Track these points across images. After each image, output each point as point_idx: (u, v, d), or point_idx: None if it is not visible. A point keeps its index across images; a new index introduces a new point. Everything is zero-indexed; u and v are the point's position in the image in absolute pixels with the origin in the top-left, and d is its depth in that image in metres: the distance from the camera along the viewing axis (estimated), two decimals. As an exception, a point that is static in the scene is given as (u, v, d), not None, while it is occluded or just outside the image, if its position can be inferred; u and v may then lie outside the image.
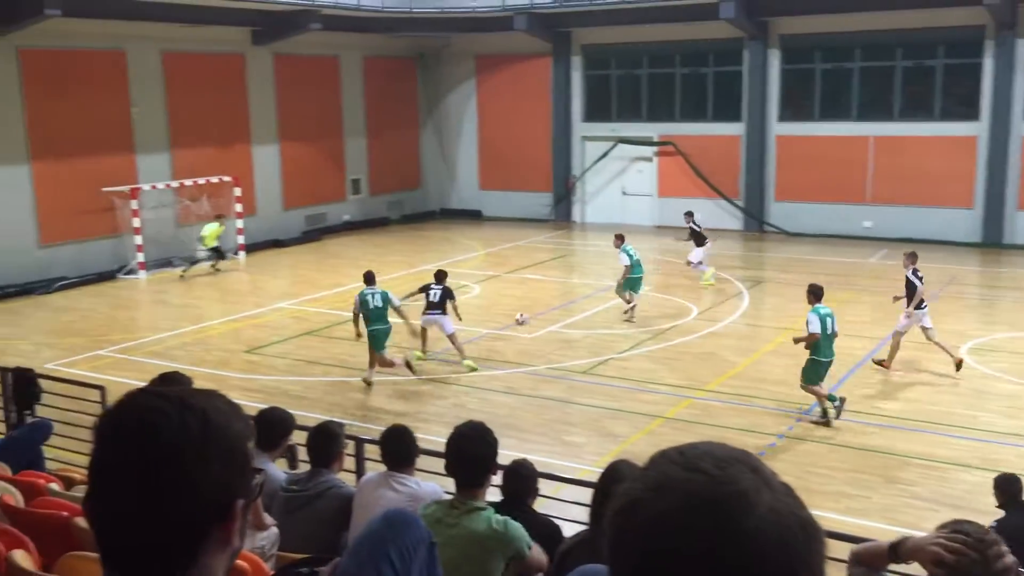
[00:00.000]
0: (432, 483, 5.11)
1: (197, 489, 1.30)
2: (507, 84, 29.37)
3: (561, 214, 28.83)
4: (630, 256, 16.52)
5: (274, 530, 4.88)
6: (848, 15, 23.85)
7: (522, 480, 5.08)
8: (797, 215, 25.65)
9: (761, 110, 25.66)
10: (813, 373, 11.44)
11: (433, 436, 9.98)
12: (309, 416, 10.17)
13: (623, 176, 28.25)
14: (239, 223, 23.61)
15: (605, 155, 28.00)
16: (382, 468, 5.24)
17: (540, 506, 5.68)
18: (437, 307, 13.92)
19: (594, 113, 28.41)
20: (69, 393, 9.67)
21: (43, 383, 9.65)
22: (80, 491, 5.76)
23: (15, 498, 5.20)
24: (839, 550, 6.67)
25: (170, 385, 4.41)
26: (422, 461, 5.83)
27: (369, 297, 13.27)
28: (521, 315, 16.36)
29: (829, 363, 11.57)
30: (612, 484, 3.96)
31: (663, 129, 27.19)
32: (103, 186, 21.10)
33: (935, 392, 12.59)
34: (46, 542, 4.35)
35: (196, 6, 21.60)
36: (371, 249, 23.86)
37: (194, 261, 21.53)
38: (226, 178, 23.59)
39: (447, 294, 14.01)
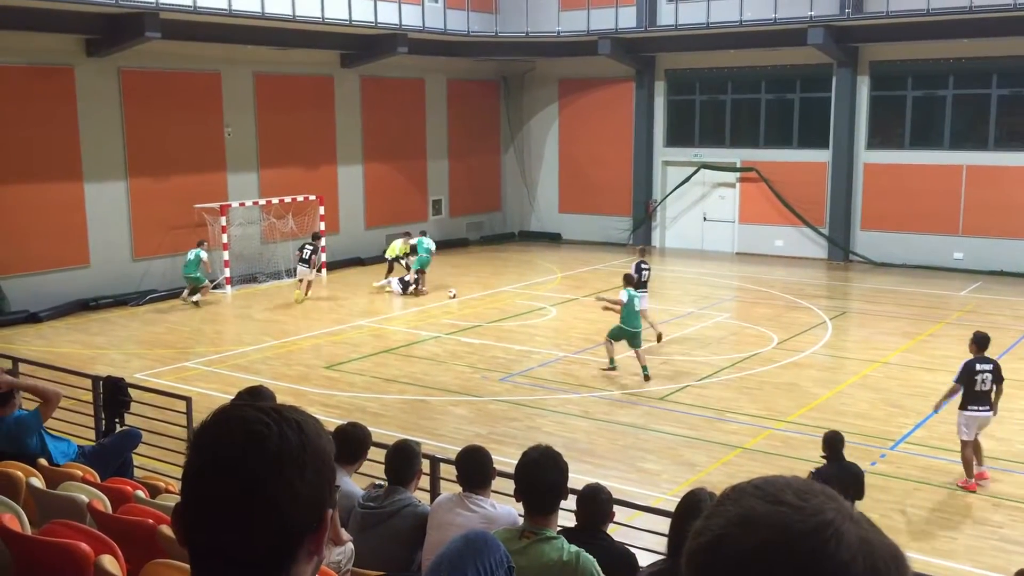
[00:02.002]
0: (508, 506, 5.10)
1: (296, 498, 1.33)
2: (589, 108, 29.41)
3: (640, 239, 28.67)
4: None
5: (350, 546, 4.94)
6: (941, 42, 23.27)
7: (598, 506, 5.04)
8: (884, 245, 25.02)
9: (849, 137, 25.16)
10: (618, 333, 14.53)
11: (507, 458, 9.99)
12: (387, 434, 10.29)
13: (704, 202, 27.98)
14: (322, 242, 24.05)
15: (687, 180, 27.78)
16: (457, 488, 5.26)
17: (614, 533, 5.63)
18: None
19: (676, 138, 28.24)
20: (156, 403, 9.96)
21: (132, 392, 9.96)
22: (165, 499, 5.92)
23: (103, 504, 5.36)
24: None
25: (255, 399, 4.52)
26: (497, 483, 5.84)
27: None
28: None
29: (635, 332, 14.37)
30: (692, 514, 3.89)
31: (746, 155, 26.87)
32: (195, 203, 21.78)
33: (1028, 432, 12.09)
34: (132, 549, 4.47)
35: (288, 30, 22.24)
36: (450, 269, 24.06)
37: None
38: (311, 197, 24.12)
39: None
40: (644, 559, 5.42)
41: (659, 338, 16.46)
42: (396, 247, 22.12)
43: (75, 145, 19.98)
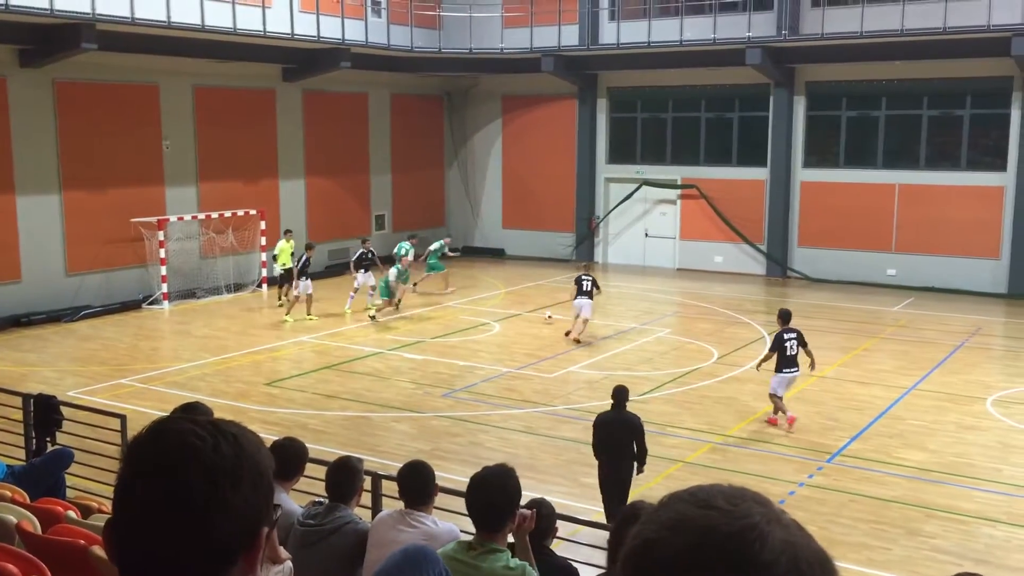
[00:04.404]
0: (449, 523, 5.08)
1: (230, 514, 1.30)
2: (533, 124, 29.59)
3: (583, 255, 28.87)
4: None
5: (288, 564, 4.86)
6: (874, 64, 23.91)
7: (541, 520, 5.04)
8: (820, 261, 25.54)
9: (786, 156, 25.68)
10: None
11: (449, 474, 9.95)
12: (328, 450, 10.18)
13: (646, 218, 28.29)
14: (263, 256, 23.80)
15: (628, 197, 28.07)
16: (399, 505, 5.22)
17: (557, 547, 5.63)
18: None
19: (618, 155, 28.54)
20: (90, 421, 9.72)
21: (65, 411, 9.71)
22: (98, 519, 5.77)
23: (33, 525, 5.21)
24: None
25: (191, 415, 4.43)
26: (441, 499, 5.81)
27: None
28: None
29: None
30: (631, 524, 3.95)
31: (687, 172, 27.25)
32: (131, 217, 21.37)
33: (958, 444, 12.42)
34: (62, 570, 4.35)
35: (229, 43, 21.99)
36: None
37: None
38: (252, 211, 23.83)
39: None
40: (586, 573, 5.44)
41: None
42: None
43: (7, 157, 19.48)
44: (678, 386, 15.15)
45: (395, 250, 22.59)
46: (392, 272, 20.04)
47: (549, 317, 20.14)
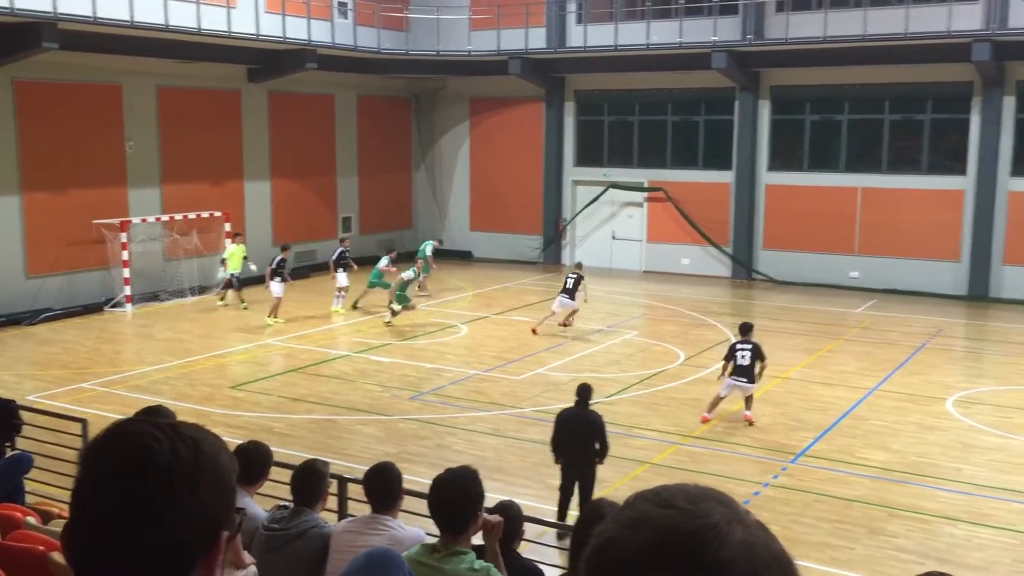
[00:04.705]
0: (416, 528, 5.06)
1: (187, 517, 1.28)
2: (500, 127, 29.61)
3: (551, 257, 28.93)
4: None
5: (252, 568, 4.82)
6: (838, 68, 24.20)
7: (507, 523, 5.04)
8: (785, 264, 25.79)
9: (751, 159, 25.91)
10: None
11: (417, 477, 9.92)
12: (294, 454, 10.10)
13: (613, 221, 28.41)
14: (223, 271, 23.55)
15: (596, 199, 28.17)
16: (366, 508, 5.19)
17: (524, 550, 5.63)
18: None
19: (586, 158, 28.63)
20: (50, 426, 9.57)
21: (24, 415, 9.55)
22: (57, 525, 5.68)
23: (-9, 531, 5.12)
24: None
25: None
26: (407, 503, 5.79)
27: None
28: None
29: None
30: (593, 523, 3.98)
31: (654, 175, 27.39)
32: (93, 218, 21.08)
33: (920, 444, 12.59)
34: (21, 577, 4.28)
35: (193, 43, 21.78)
36: (360, 287, 23.80)
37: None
38: (217, 213, 23.61)
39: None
40: (552, 575, 5.44)
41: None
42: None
43: (-35, 157, 19.16)
44: (645, 388, 15.22)
45: (419, 249, 23.15)
46: (408, 274, 19.82)
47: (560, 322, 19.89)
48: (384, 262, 21.28)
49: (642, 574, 1.04)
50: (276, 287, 19.66)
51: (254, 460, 5.39)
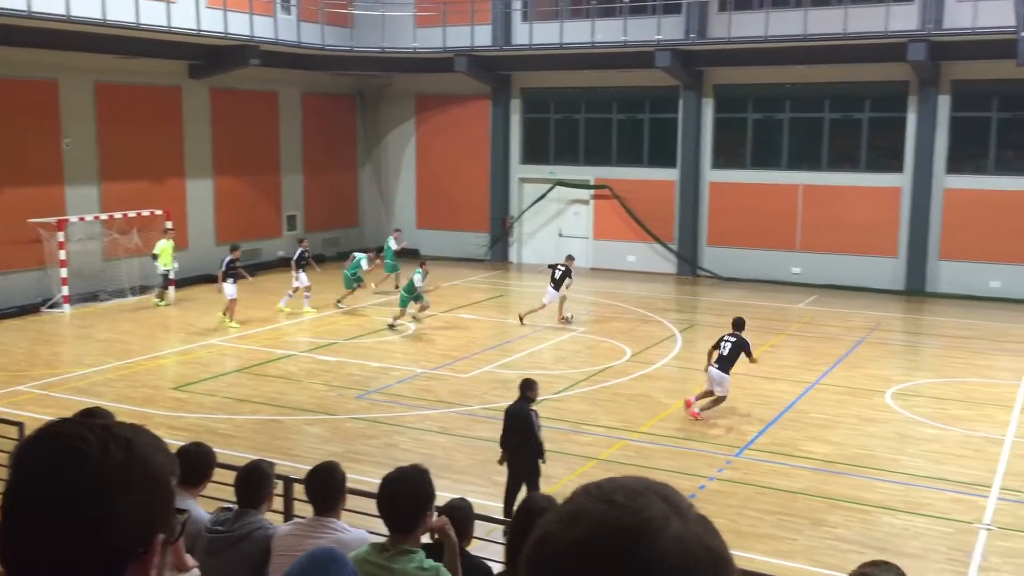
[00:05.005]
0: (360, 530, 5.02)
1: (117, 520, 1.26)
2: (447, 124, 29.54)
3: (498, 255, 28.94)
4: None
5: (196, 572, 4.75)
6: (779, 68, 24.57)
7: (456, 521, 5.03)
8: (729, 260, 26.12)
9: (695, 157, 26.19)
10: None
11: (365, 476, 9.86)
12: (238, 455, 9.97)
13: (560, 218, 28.51)
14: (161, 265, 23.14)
15: (542, 197, 28.25)
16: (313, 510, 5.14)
17: (473, 547, 5.63)
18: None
19: (532, 155, 28.70)
20: (-15, 430, 9.33)
21: (-42, 419, 9.29)
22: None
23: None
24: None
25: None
26: (355, 502, 5.74)
27: None
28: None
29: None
30: (527, 519, 4.05)
31: (600, 173, 27.56)
32: (29, 217, 20.57)
33: (860, 436, 12.85)
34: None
35: (132, 38, 21.35)
36: (322, 286, 23.55)
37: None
38: (158, 211, 23.18)
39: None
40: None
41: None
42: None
43: None
44: (592, 384, 15.31)
45: (386, 247, 23.31)
46: (416, 277, 19.35)
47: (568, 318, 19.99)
48: (364, 263, 21.35)
49: (577, 568, 1.05)
50: (229, 288, 19.31)
51: (196, 462, 5.31)
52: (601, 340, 18.61)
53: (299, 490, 6.91)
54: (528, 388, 9.90)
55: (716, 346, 13.48)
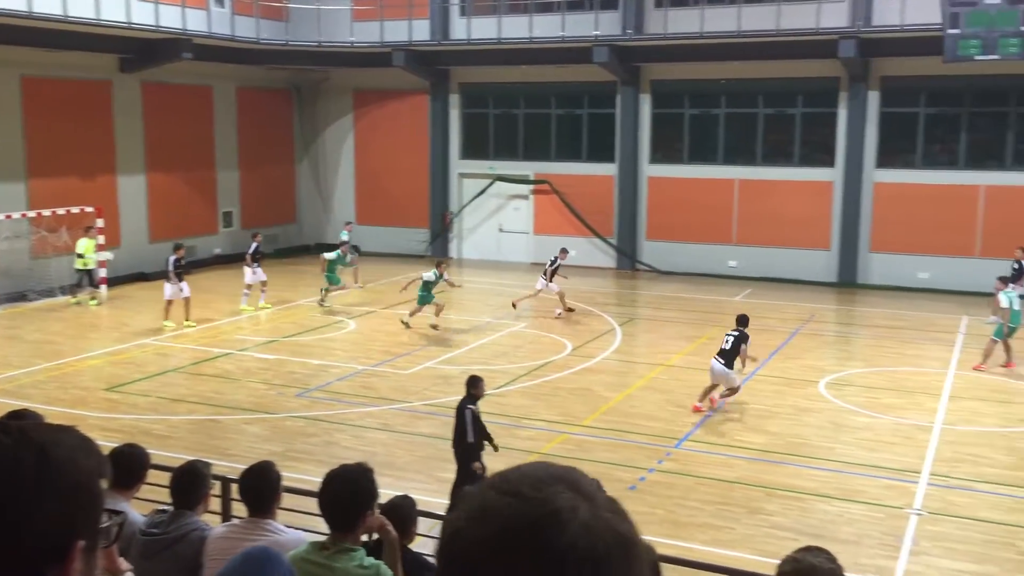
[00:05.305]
0: (297, 530, 4.97)
1: (26, 528, 1.23)
2: (385, 120, 29.34)
3: (438, 250, 28.86)
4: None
5: (130, 575, 4.65)
6: (714, 64, 24.89)
7: (397, 519, 5.01)
8: (668, 254, 26.40)
9: (633, 152, 26.41)
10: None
11: (305, 475, 9.77)
12: (174, 456, 9.78)
13: (500, 213, 28.53)
14: (102, 255, 22.63)
15: (482, 192, 28.23)
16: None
17: (416, 544, 5.61)
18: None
19: (471, 151, 28.66)
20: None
21: None
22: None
23: None
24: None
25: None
26: (296, 501, 5.68)
27: None
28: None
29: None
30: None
31: (539, 168, 27.64)
32: (-48, 215, 19.93)
33: (795, 425, 13.11)
34: None
35: (60, 31, 20.78)
36: (242, 284, 23.22)
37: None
38: (88, 208, 22.61)
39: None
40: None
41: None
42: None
43: None
44: (533, 379, 15.36)
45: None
46: (428, 275, 18.70)
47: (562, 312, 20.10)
48: (334, 257, 21.14)
49: (486, 564, 1.06)
50: (169, 289, 18.82)
51: (129, 464, 5.20)
52: (542, 335, 18.67)
53: (237, 490, 6.81)
54: (472, 385, 9.91)
55: (721, 340, 13.79)
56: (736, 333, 13.53)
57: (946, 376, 15.67)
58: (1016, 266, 20.13)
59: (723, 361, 13.33)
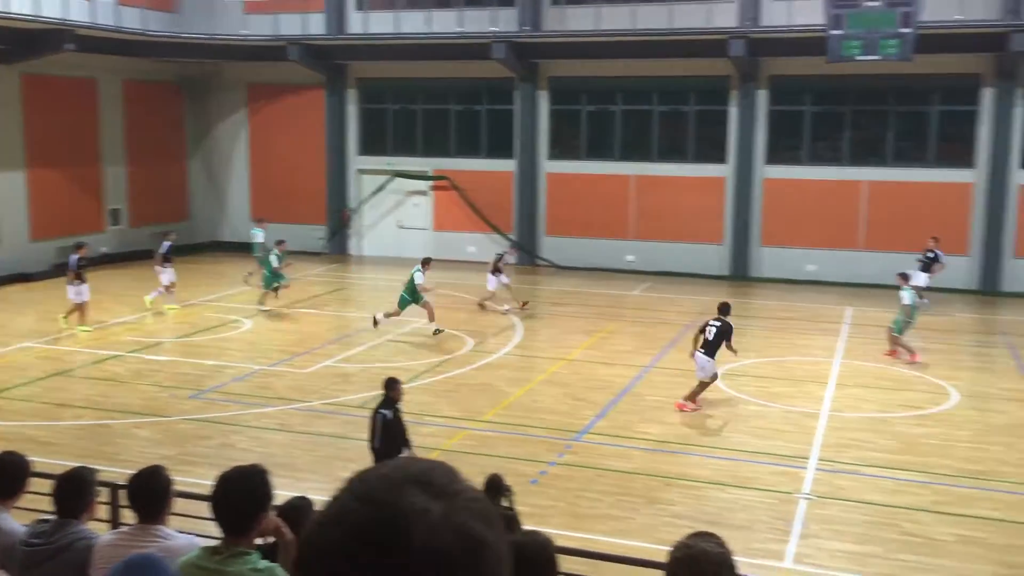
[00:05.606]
0: (189, 535, 4.83)
1: None
2: (280, 115, 28.78)
3: (336, 247, 28.48)
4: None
5: (12, 590, 4.44)
6: (610, 61, 25.23)
7: (294, 520, 4.91)
8: (567, 249, 26.68)
9: (532, 148, 26.58)
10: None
11: (199, 479, 9.50)
12: (60, 463, 9.39)
13: (399, 210, 28.33)
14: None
15: (381, 188, 27.98)
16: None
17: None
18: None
19: (370, 146, 28.37)
20: None
21: None
22: None
23: None
24: (609, 572, 6.93)
25: None
26: (190, 506, 5.52)
27: None
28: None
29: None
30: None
31: (438, 164, 27.55)
32: None
33: (691, 416, 13.41)
34: None
35: (-71, 18, 19.73)
36: (132, 283, 22.48)
37: None
38: (-36, 206, 21.53)
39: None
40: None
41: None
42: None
43: None
44: (434, 375, 15.31)
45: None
46: (418, 277, 17.99)
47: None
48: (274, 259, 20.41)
49: (339, 568, 1.09)
50: (72, 290, 17.96)
51: (8, 473, 4.96)
52: (443, 331, 18.60)
53: (126, 497, 6.58)
54: (388, 387, 9.77)
55: (702, 331, 13.57)
56: (719, 323, 13.47)
57: (832, 365, 16.27)
58: (931, 255, 21.07)
59: (706, 352, 13.30)
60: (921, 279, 20.55)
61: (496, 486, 7.39)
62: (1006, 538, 9.44)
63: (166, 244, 20.29)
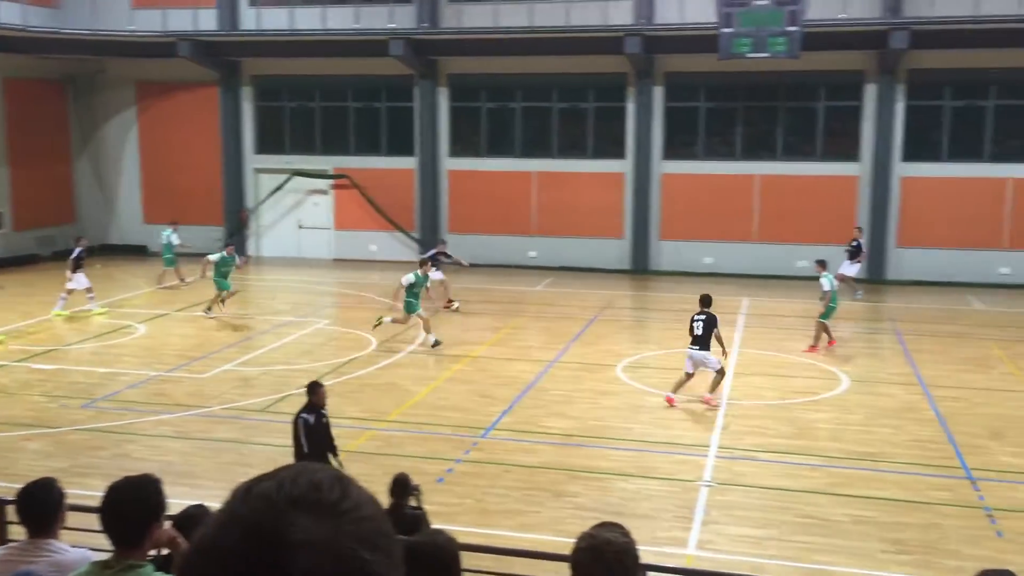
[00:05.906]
0: (82, 549, 4.66)
1: None
2: (172, 113, 27.95)
3: (236, 249, 27.77)
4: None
5: None
6: (509, 58, 25.33)
7: (190, 530, 4.78)
8: (471, 247, 26.59)
9: (432, 145, 26.48)
10: None
11: (93, 491, 9.16)
12: (-61, 481, 8.95)
13: (299, 209, 27.87)
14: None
15: (279, 188, 27.47)
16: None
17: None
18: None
19: (267, 145, 27.80)
20: None
21: None
22: None
23: None
24: (516, 566, 6.97)
25: None
26: (83, 520, 5.32)
27: None
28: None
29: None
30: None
31: (338, 162, 27.19)
32: None
33: (595, 409, 13.59)
34: None
35: None
36: (16, 289, 21.55)
37: None
38: None
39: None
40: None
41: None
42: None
43: None
44: (338, 376, 15.12)
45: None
46: (408, 278, 17.06)
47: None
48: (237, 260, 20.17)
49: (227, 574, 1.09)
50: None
51: None
52: (346, 331, 18.42)
53: (15, 512, 6.31)
54: (310, 391, 9.61)
55: (690, 328, 13.65)
56: (704, 317, 13.59)
57: (730, 354, 16.68)
58: (855, 243, 21.83)
59: (698, 347, 13.46)
60: (852, 269, 21.42)
61: (403, 486, 7.35)
62: (894, 516, 9.86)
63: (78, 249, 19.55)
